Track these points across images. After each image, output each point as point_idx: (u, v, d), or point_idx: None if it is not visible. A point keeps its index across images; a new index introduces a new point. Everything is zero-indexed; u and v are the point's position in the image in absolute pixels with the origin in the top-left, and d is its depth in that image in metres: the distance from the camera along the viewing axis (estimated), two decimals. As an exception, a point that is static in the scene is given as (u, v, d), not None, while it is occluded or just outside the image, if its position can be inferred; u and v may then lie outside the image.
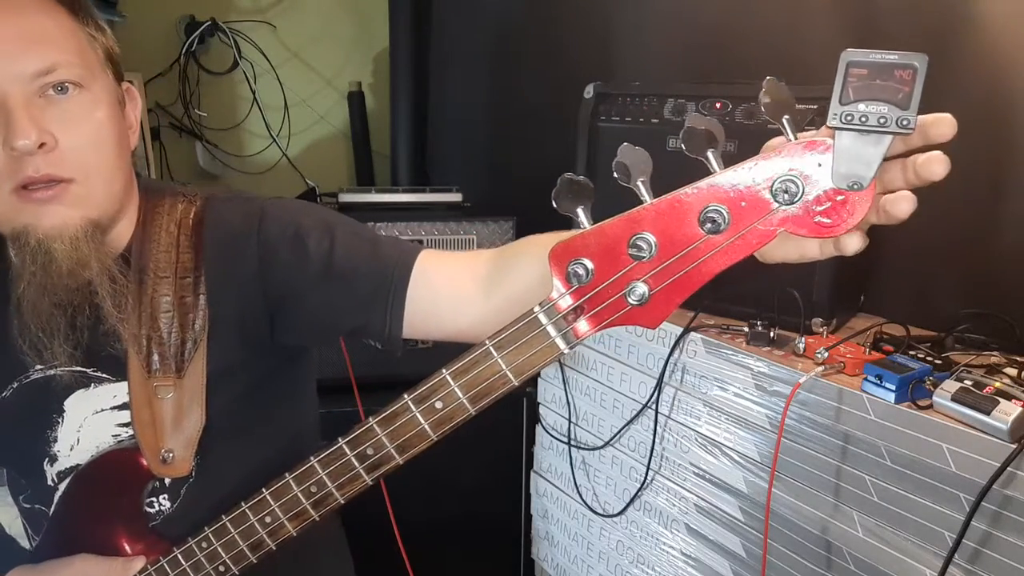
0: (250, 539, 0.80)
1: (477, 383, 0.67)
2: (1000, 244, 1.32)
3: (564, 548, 1.91)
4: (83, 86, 0.75)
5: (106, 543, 0.87)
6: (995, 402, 0.99)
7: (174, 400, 0.82)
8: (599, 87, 1.63)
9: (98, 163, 0.77)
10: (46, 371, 0.85)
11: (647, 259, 0.61)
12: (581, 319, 0.64)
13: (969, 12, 1.31)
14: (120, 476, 0.86)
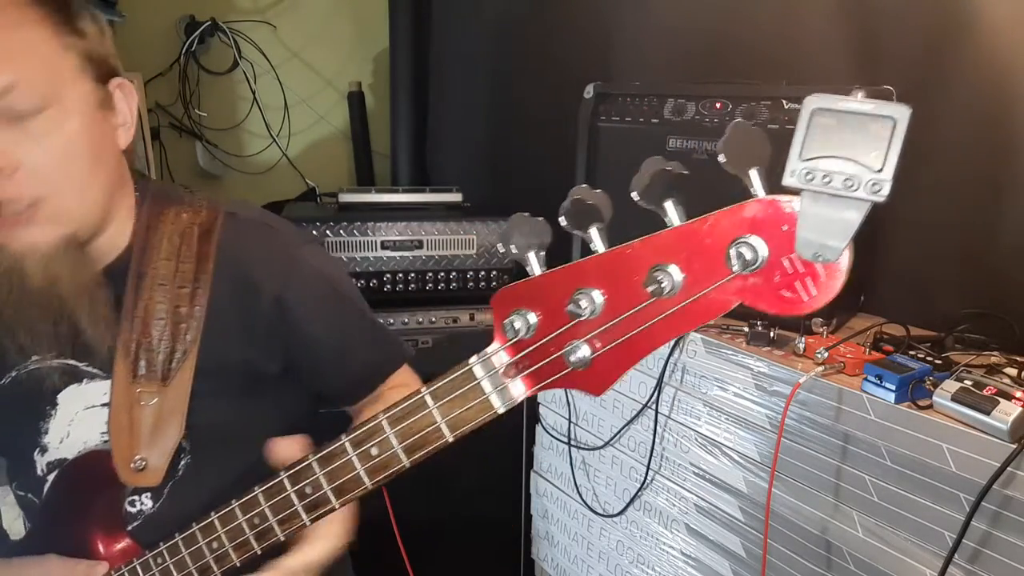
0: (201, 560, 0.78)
1: (412, 433, 0.64)
2: (1000, 244, 1.32)
3: (564, 548, 1.91)
4: (48, 102, 0.72)
5: (82, 541, 0.86)
6: (995, 402, 0.99)
7: (155, 408, 0.81)
8: (599, 87, 1.63)
9: (68, 178, 0.75)
10: (42, 362, 0.85)
11: (589, 317, 0.53)
12: (518, 378, 0.58)
13: (969, 12, 1.31)
14: (100, 476, 0.85)
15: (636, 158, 1.71)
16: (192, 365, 0.83)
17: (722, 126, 1.42)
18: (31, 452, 0.89)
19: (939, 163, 1.37)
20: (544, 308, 0.55)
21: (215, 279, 0.84)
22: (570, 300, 0.54)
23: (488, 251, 2.03)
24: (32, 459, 0.90)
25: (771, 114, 1.38)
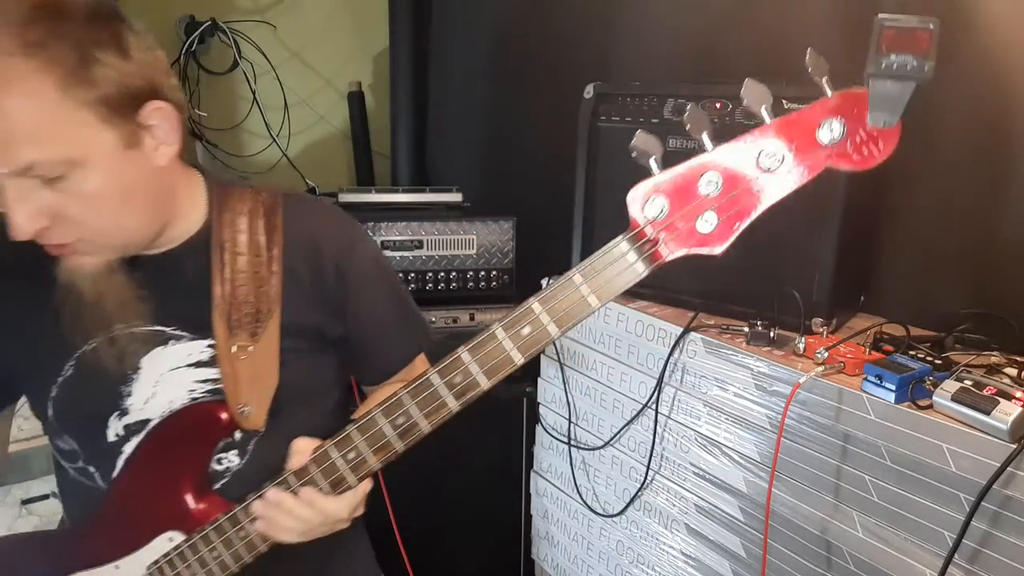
0: (331, 477, 0.86)
1: (561, 309, 0.76)
2: (1000, 244, 1.32)
3: (564, 548, 1.91)
4: (72, 166, 0.76)
5: (172, 499, 0.92)
6: (995, 402, 0.99)
7: (250, 360, 0.90)
8: (599, 87, 1.63)
9: (101, 220, 0.81)
10: (126, 329, 0.90)
11: (713, 194, 0.72)
12: (658, 247, 0.74)
13: (969, 12, 1.31)
14: (196, 430, 0.92)
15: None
16: (276, 324, 0.92)
17: (722, 126, 1.43)
18: (105, 418, 0.93)
19: (939, 163, 1.37)
20: (672, 194, 0.73)
21: (286, 250, 0.94)
22: (699, 182, 0.72)
23: (488, 251, 2.03)
24: (104, 426, 0.93)
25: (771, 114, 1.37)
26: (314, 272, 0.96)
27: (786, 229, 1.38)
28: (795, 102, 1.36)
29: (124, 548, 0.94)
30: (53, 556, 0.97)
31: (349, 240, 1.00)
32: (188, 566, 0.92)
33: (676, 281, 1.55)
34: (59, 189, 0.77)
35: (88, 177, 0.78)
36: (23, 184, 0.76)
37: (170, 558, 0.92)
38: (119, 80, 0.78)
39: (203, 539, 0.91)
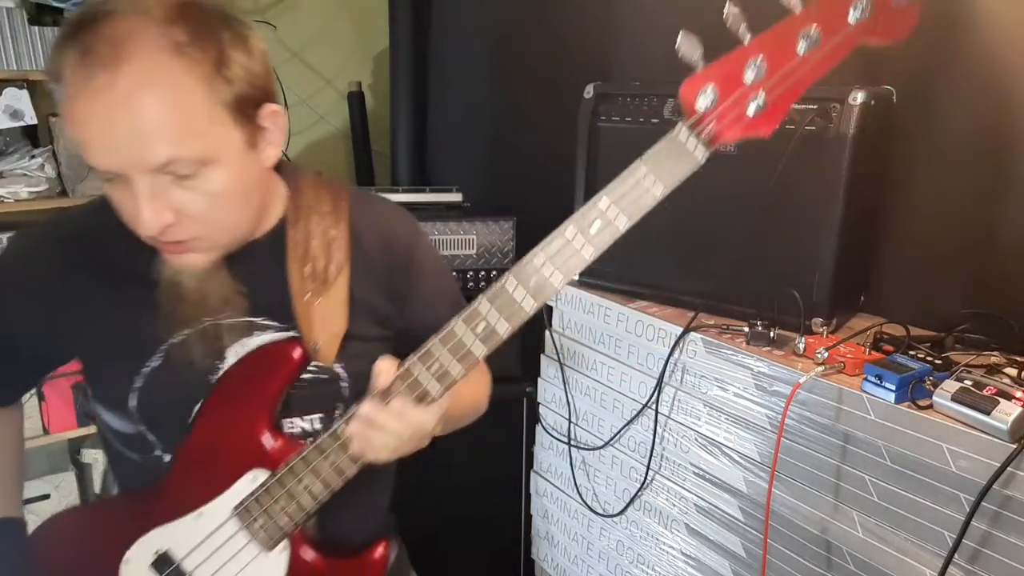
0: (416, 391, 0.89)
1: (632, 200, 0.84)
2: (1000, 244, 1.32)
3: (564, 548, 1.91)
4: (202, 164, 0.80)
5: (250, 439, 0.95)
6: (995, 402, 0.99)
7: (321, 305, 0.95)
8: (599, 87, 1.63)
9: (217, 222, 0.85)
10: (216, 320, 0.93)
11: (758, 79, 0.77)
12: (712, 132, 0.80)
13: (969, 12, 1.31)
14: (270, 367, 0.95)
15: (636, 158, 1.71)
16: (346, 279, 0.96)
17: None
18: (193, 405, 0.95)
19: (939, 163, 1.37)
20: (720, 82, 0.78)
21: (353, 236, 0.98)
22: (745, 68, 0.77)
23: (488, 251, 2.03)
24: (189, 414, 0.95)
25: (771, 114, 1.38)
26: (386, 261, 1.01)
27: (786, 229, 1.38)
28: (802, 102, 1.37)
29: (205, 495, 0.96)
30: (123, 520, 0.99)
31: (416, 233, 1.06)
32: (277, 500, 0.94)
33: (676, 281, 1.55)
34: (187, 187, 0.80)
35: (215, 176, 0.81)
36: (156, 181, 0.78)
37: (257, 496, 0.94)
38: (249, 79, 0.82)
39: (290, 471, 0.93)
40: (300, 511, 0.94)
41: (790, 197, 1.34)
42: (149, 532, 0.97)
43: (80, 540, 1.02)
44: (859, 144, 1.28)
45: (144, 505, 0.99)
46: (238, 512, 0.95)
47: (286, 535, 0.96)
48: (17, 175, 2.30)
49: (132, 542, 0.98)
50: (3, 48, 2.21)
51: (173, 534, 0.97)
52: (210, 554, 0.97)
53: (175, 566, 0.97)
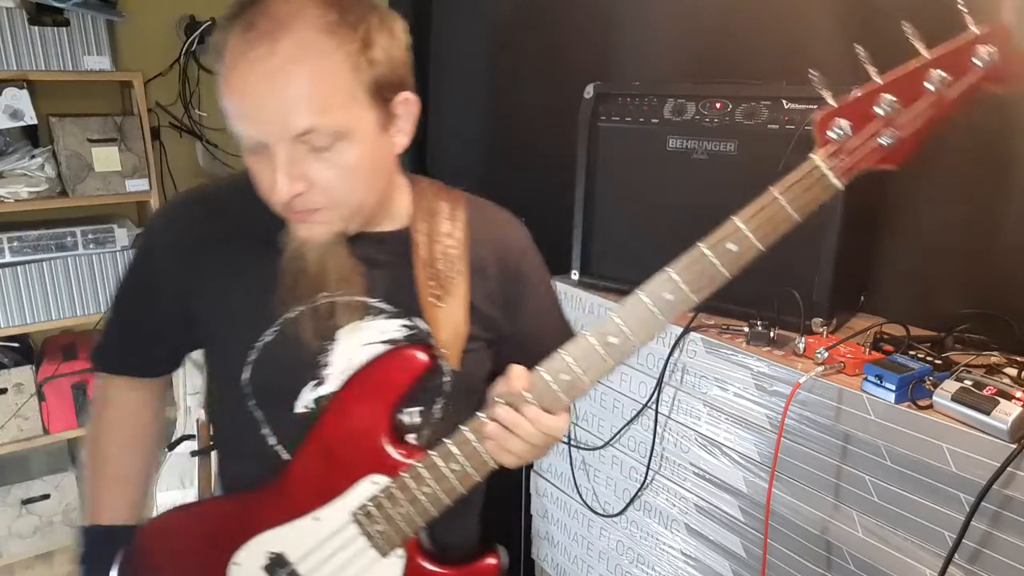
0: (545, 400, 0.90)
1: (764, 222, 0.85)
2: (1000, 244, 1.32)
3: (564, 548, 1.91)
4: (339, 137, 0.84)
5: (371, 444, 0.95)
6: (995, 402, 0.99)
7: (445, 311, 0.97)
8: (599, 87, 1.63)
9: (345, 196, 0.89)
10: (332, 297, 0.95)
11: (893, 114, 0.81)
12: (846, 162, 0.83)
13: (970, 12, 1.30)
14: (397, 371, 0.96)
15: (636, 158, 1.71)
16: (465, 286, 0.99)
17: (722, 126, 1.43)
18: (302, 387, 0.97)
19: (939, 163, 1.37)
20: (854, 117, 0.82)
21: (472, 242, 1.01)
22: (874, 106, 0.82)
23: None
24: (297, 396, 0.97)
25: (771, 114, 1.38)
26: (500, 269, 1.03)
27: (786, 229, 1.38)
28: (795, 102, 1.37)
29: (323, 498, 0.96)
30: (233, 520, 0.99)
31: (528, 242, 1.09)
32: (398, 505, 0.94)
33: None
34: (322, 158, 0.84)
35: (349, 150, 0.85)
36: (294, 150, 0.83)
37: (378, 500, 0.95)
38: (389, 64, 0.88)
39: (414, 477, 0.94)
40: (421, 517, 0.95)
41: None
42: (262, 533, 0.97)
43: (188, 539, 1.02)
44: (859, 144, 1.28)
45: (256, 506, 0.99)
46: (357, 517, 0.96)
47: (403, 541, 0.96)
48: (17, 175, 2.30)
49: (242, 543, 0.98)
50: (3, 48, 2.21)
51: (288, 536, 0.97)
52: (326, 558, 0.97)
53: (290, 569, 0.97)
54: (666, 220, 1.54)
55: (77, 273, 2.43)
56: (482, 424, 0.91)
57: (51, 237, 2.40)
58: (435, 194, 1.05)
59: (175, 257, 0.99)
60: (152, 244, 1.03)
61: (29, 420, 2.41)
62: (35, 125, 2.31)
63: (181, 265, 0.99)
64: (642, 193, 1.57)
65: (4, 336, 2.41)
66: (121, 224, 2.51)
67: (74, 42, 2.30)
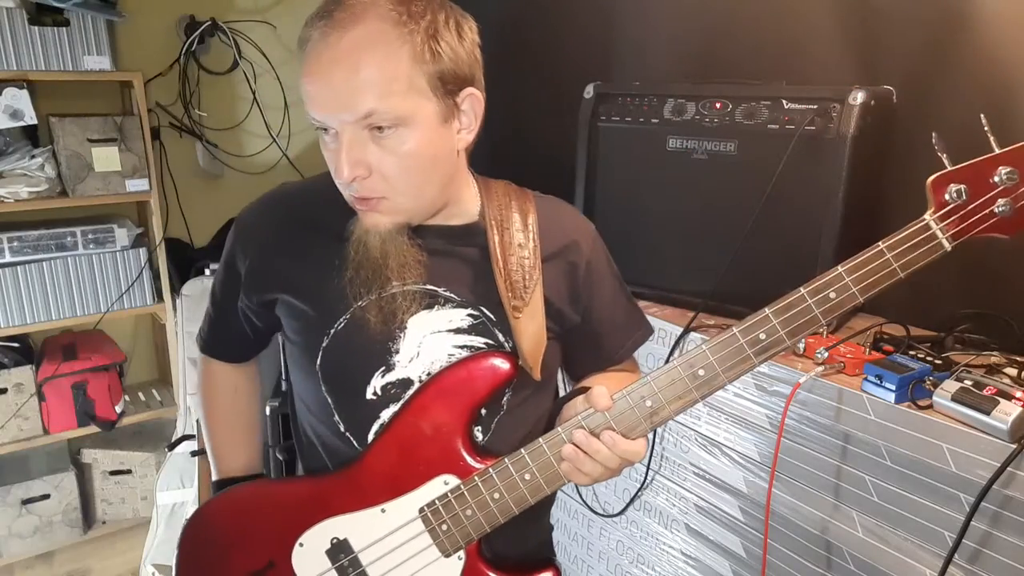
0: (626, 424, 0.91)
1: (867, 277, 0.85)
2: (1000, 244, 1.32)
3: (564, 548, 1.91)
4: (399, 123, 0.88)
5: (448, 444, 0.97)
6: (995, 402, 0.99)
7: (523, 320, 1.00)
8: (599, 87, 1.63)
9: (405, 185, 0.92)
10: (403, 287, 0.98)
11: (1010, 184, 0.83)
12: (959, 226, 0.85)
13: (969, 11, 1.31)
14: (480, 376, 0.98)
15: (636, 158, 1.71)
16: (540, 292, 1.01)
17: (722, 126, 1.43)
18: (369, 375, 1.00)
19: (939, 163, 1.37)
20: (971, 183, 0.84)
21: (543, 238, 1.03)
22: (994, 176, 0.83)
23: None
24: (363, 386, 1.00)
25: (771, 114, 1.38)
26: (570, 263, 1.05)
27: (786, 229, 1.38)
28: (795, 102, 1.37)
29: (394, 491, 0.98)
30: (304, 503, 1.02)
31: (596, 237, 1.11)
32: (466, 508, 0.96)
33: (676, 281, 1.55)
34: (383, 145, 0.89)
35: (409, 138, 0.89)
36: (357, 133, 0.88)
37: (448, 500, 0.96)
38: (454, 60, 0.91)
39: (485, 481, 0.95)
40: (487, 522, 0.96)
41: (790, 197, 1.34)
42: (330, 519, 1.00)
43: (258, 515, 1.05)
44: (859, 144, 1.28)
45: (328, 491, 1.01)
46: (423, 514, 0.97)
47: (467, 543, 0.97)
48: (17, 175, 2.30)
49: (310, 526, 1.00)
50: (3, 48, 2.21)
51: (354, 524, 0.99)
52: (389, 550, 0.98)
53: (352, 556, 0.99)
54: (666, 220, 1.54)
55: (77, 273, 2.43)
56: (559, 442, 0.93)
57: (51, 237, 2.40)
58: (506, 197, 1.07)
59: (261, 254, 1.05)
60: (240, 241, 1.08)
61: (29, 420, 2.41)
62: (35, 125, 2.31)
63: (266, 261, 1.04)
64: (642, 193, 1.57)
65: (4, 336, 2.41)
66: (121, 224, 2.51)
67: (74, 42, 2.30)
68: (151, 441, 2.73)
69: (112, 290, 2.49)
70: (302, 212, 1.05)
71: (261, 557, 1.02)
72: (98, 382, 2.50)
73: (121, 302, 2.49)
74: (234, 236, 1.09)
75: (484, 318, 1.00)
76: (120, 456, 2.65)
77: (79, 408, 2.48)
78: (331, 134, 0.90)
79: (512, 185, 1.10)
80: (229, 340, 1.18)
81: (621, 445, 0.91)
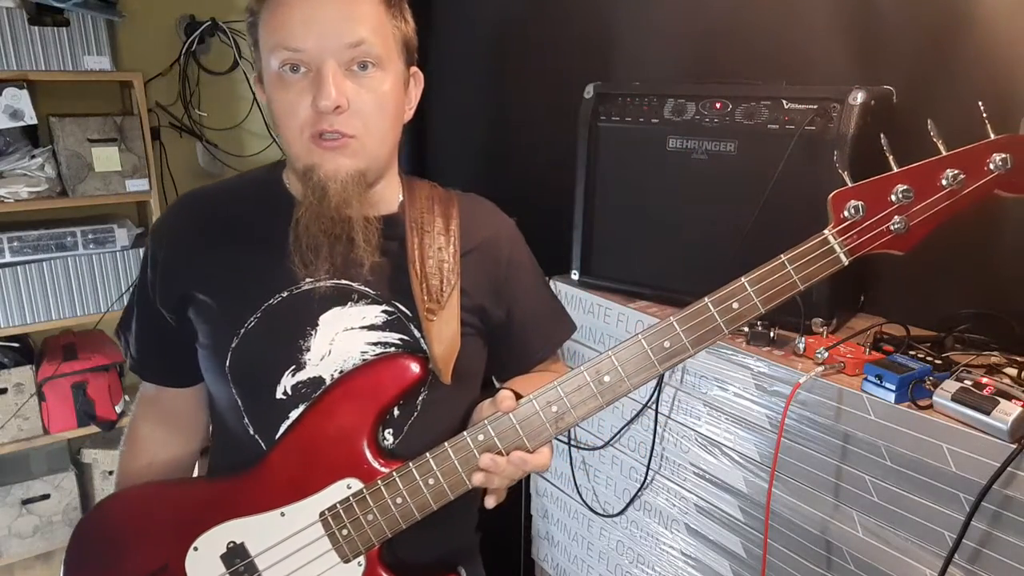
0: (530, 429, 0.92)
1: (770, 288, 0.88)
2: (1000, 244, 1.32)
3: (564, 548, 1.91)
4: (378, 65, 0.93)
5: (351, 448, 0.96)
6: (995, 402, 0.99)
7: (437, 324, 0.99)
8: (599, 87, 1.63)
9: (376, 126, 0.95)
10: (315, 283, 0.98)
11: (906, 203, 0.86)
12: (856, 242, 0.88)
13: (969, 11, 1.31)
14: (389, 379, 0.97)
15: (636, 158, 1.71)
16: (457, 296, 1.02)
17: (722, 126, 1.43)
18: (279, 375, 0.98)
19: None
20: (869, 200, 0.87)
21: (463, 237, 1.05)
22: (892, 193, 0.86)
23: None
24: (274, 385, 0.98)
25: (771, 114, 1.38)
26: (491, 260, 1.07)
27: (786, 229, 1.38)
28: (795, 102, 1.37)
29: (294, 494, 0.97)
30: (201, 504, 1.00)
31: (516, 234, 1.14)
32: (367, 513, 0.95)
33: (676, 281, 1.55)
34: (361, 83, 0.92)
35: (385, 79, 0.95)
36: (342, 70, 0.91)
37: (349, 504, 0.95)
38: (412, 32, 1.00)
39: (388, 486, 0.94)
40: (388, 527, 0.95)
41: (790, 197, 1.34)
42: (228, 522, 0.98)
43: (153, 516, 1.02)
44: (859, 144, 1.28)
45: (227, 494, 0.99)
46: (324, 518, 0.96)
47: (367, 549, 0.96)
48: (17, 175, 2.30)
49: (206, 529, 0.98)
50: (3, 48, 2.21)
51: (252, 528, 0.97)
52: (286, 555, 0.97)
53: (248, 561, 0.97)
54: (666, 220, 1.54)
55: (77, 273, 2.43)
56: (464, 446, 0.93)
57: (51, 237, 2.40)
58: (428, 200, 1.07)
59: (175, 253, 1.03)
60: (153, 246, 1.06)
61: (29, 420, 2.41)
62: (35, 125, 2.31)
63: (179, 259, 1.02)
64: (642, 193, 1.57)
65: (4, 336, 2.41)
66: (121, 224, 2.51)
67: (74, 42, 2.30)
68: (151, 441, 2.73)
69: (112, 290, 2.49)
70: (214, 211, 1.04)
71: (153, 561, 0.99)
72: (98, 382, 2.50)
73: (121, 302, 2.49)
74: (149, 242, 1.07)
75: (399, 314, 1.00)
76: (120, 456, 2.65)
77: (79, 408, 2.48)
78: (302, 72, 0.91)
79: (437, 187, 1.11)
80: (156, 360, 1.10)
81: (530, 461, 0.93)
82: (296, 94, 0.91)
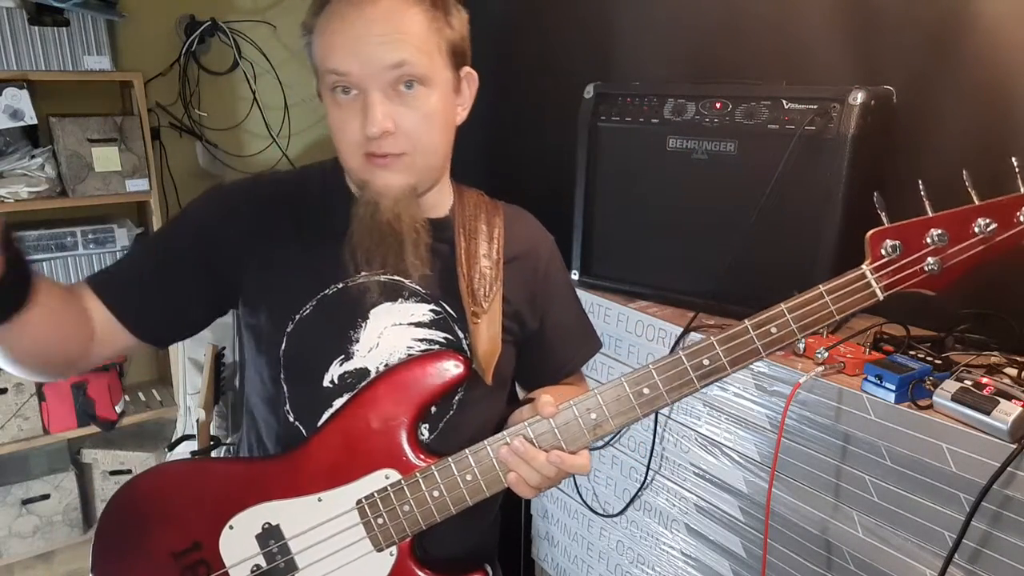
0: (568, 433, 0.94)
1: (807, 316, 0.91)
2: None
3: (564, 548, 1.91)
4: (423, 82, 0.93)
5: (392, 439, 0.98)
6: (995, 402, 0.99)
7: (482, 325, 1.03)
8: (599, 87, 1.63)
9: (425, 142, 0.96)
10: (370, 277, 1.01)
11: (940, 246, 0.90)
12: (891, 279, 0.91)
13: (969, 11, 1.31)
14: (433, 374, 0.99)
15: (636, 158, 1.72)
16: (500, 301, 1.04)
17: (722, 126, 1.43)
18: (328, 363, 1.00)
19: (939, 163, 1.37)
20: (906, 240, 0.91)
21: (506, 245, 1.08)
22: (926, 236, 0.90)
23: (488, 251, 2.02)
24: (326, 369, 1.01)
25: (771, 114, 1.38)
26: (531, 270, 1.10)
27: (786, 229, 1.38)
28: (795, 102, 1.37)
29: (332, 481, 0.98)
30: (240, 484, 1.01)
31: (555, 249, 1.17)
32: (403, 504, 0.97)
33: (676, 281, 1.55)
34: (407, 103, 0.93)
35: (430, 96, 0.95)
36: (385, 91, 0.92)
37: (387, 493, 0.97)
38: (461, 34, 0.99)
39: (426, 479, 0.96)
40: (424, 519, 0.96)
41: (790, 197, 1.34)
42: (264, 503, 0.99)
43: (191, 492, 1.02)
44: (859, 144, 1.28)
45: (267, 475, 1.00)
46: (360, 506, 0.97)
47: (400, 539, 0.98)
48: (17, 175, 2.30)
49: (243, 508, 0.99)
50: (3, 48, 2.21)
51: (288, 511, 0.99)
52: (320, 540, 0.98)
53: (282, 543, 0.99)
54: (666, 220, 1.54)
55: (77, 273, 2.43)
56: (501, 446, 0.94)
57: (51, 237, 2.40)
58: (476, 208, 1.11)
59: (247, 226, 1.02)
60: (225, 208, 1.03)
61: (29, 420, 2.41)
62: (35, 125, 2.31)
63: (249, 233, 1.02)
64: (642, 193, 1.57)
65: (4, 336, 2.41)
66: (121, 224, 2.51)
67: (74, 42, 2.30)
68: (151, 441, 2.73)
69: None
70: (291, 198, 1.05)
71: (187, 537, 1.00)
72: (98, 382, 2.50)
73: (121, 302, 2.49)
74: (218, 201, 1.04)
75: (446, 314, 1.02)
76: (120, 456, 2.65)
77: (79, 408, 2.48)
78: (352, 95, 0.93)
79: (484, 196, 1.15)
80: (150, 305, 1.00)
81: (568, 462, 0.93)
82: (348, 113, 0.93)
